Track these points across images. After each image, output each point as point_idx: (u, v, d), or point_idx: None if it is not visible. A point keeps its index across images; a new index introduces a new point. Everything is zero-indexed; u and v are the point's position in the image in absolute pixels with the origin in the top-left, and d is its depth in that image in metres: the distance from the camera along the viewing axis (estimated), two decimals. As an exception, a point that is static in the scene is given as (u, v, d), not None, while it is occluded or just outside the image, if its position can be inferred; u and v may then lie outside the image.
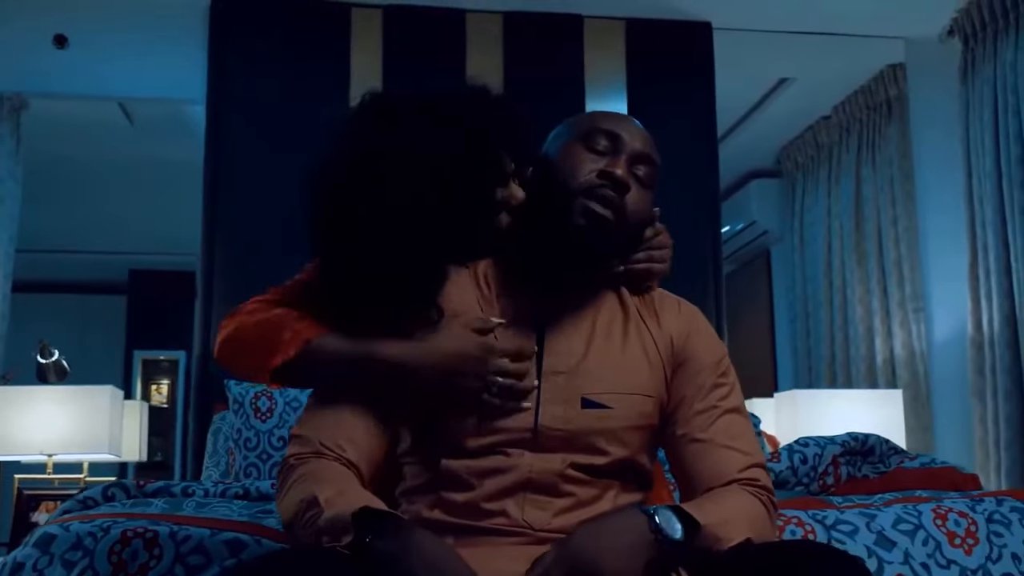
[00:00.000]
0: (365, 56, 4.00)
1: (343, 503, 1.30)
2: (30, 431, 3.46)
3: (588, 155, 1.51)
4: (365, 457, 1.46)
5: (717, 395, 1.52)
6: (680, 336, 1.55)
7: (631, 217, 1.50)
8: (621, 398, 1.47)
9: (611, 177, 1.48)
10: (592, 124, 1.54)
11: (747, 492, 1.45)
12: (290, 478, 1.41)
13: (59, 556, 1.75)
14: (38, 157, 4.84)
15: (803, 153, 5.43)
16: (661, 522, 1.32)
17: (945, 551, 1.88)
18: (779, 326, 5.88)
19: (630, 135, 1.53)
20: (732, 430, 1.50)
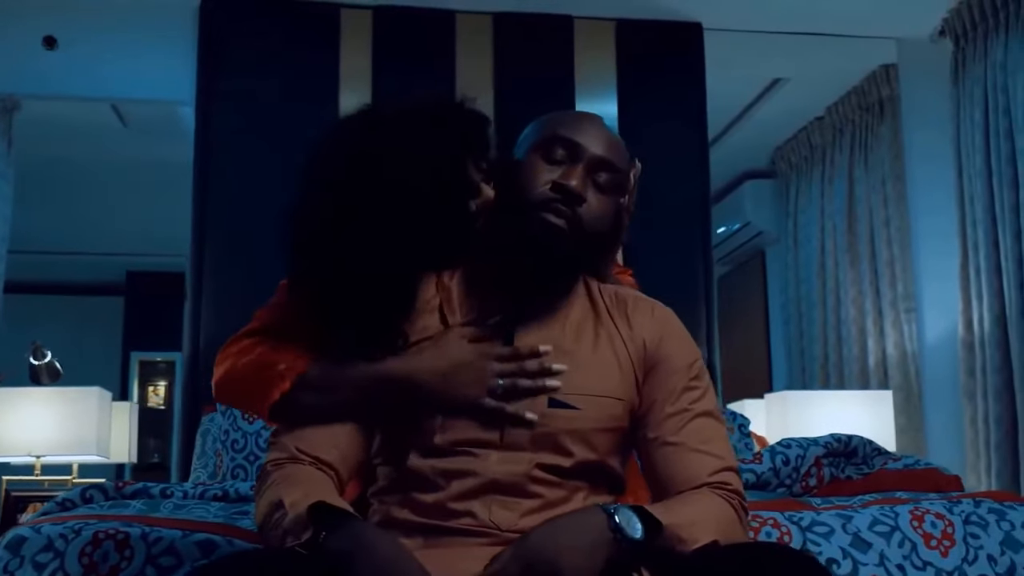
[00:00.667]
0: (355, 57, 4.00)
1: (306, 504, 1.30)
2: (17, 432, 3.47)
3: (545, 165, 1.49)
4: (343, 460, 1.46)
5: (689, 398, 1.50)
6: (653, 340, 1.53)
7: (588, 226, 1.48)
8: (589, 400, 1.47)
9: (563, 190, 1.46)
10: (551, 132, 1.52)
11: (717, 495, 1.44)
12: (265, 483, 1.42)
13: (30, 558, 1.74)
14: (32, 158, 4.85)
15: (797, 154, 5.42)
16: (621, 521, 1.31)
17: (921, 553, 1.86)
18: (774, 327, 5.87)
19: (590, 141, 1.51)
20: (704, 433, 1.49)
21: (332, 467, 1.44)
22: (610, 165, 1.51)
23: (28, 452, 3.49)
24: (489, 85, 4.04)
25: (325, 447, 1.45)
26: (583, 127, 1.53)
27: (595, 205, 1.49)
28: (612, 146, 1.53)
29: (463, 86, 4.02)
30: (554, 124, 1.54)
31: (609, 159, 1.51)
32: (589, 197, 1.48)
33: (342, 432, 1.47)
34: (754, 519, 1.89)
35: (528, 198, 1.47)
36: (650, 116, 4.15)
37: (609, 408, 1.48)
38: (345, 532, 1.26)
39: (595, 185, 1.50)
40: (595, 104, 4.10)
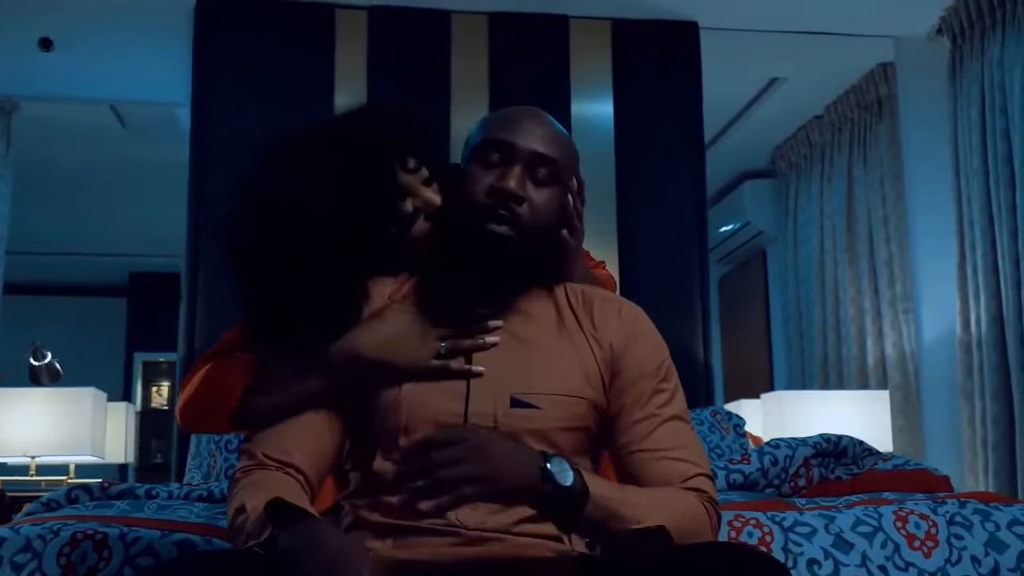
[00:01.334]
0: (350, 57, 3.99)
1: None
2: (12, 433, 3.47)
3: (482, 171, 1.49)
4: (310, 463, 1.46)
5: (657, 402, 1.49)
6: (620, 342, 1.52)
7: (533, 224, 1.48)
8: (550, 399, 1.46)
9: (500, 193, 1.46)
10: (484, 136, 1.52)
11: (688, 493, 1.44)
12: (233, 491, 1.42)
13: (8, 559, 1.74)
14: (31, 159, 4.87)
15: (796, 153, 5.41)
16: (553, 466, 1.36)
17: (904, 553, 1.85)
18: (775, 327, 5.86)
19: (524, 139, 1.49)
20: (674, 439, 1.48)
21: (299, 470, 1.44)
22: (546, 159, 1.50)
23: (23, 452, 3.50)
24: (484, 85, 4.03)
25: (289, 451, 1.45)
26: (516, 126, 1.51)
27: (537, 201, 1.49)
28: (547, 139, 1.52)
29: (458, 86, 4.02)
30: (487, 128, 1.54)
31: (544, 153, 1.50)
32: (530, 194, 1.48)
33: (307, 436, 1.47)
34: (736, 519, 1.88)
35: (469, 207, 1.47)
36: (646, 116, 4.14)
37: (571, 407, 1.47)
38: (297, 529, 1.26)
39: (535, 181, 1.49)
40: (591, 104, 4.09)
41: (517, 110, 1.57)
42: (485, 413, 1.44)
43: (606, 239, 4.01)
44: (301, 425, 1.47)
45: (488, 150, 1.50)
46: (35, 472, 3.59)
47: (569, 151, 1.56)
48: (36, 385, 4.47)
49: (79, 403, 3.56)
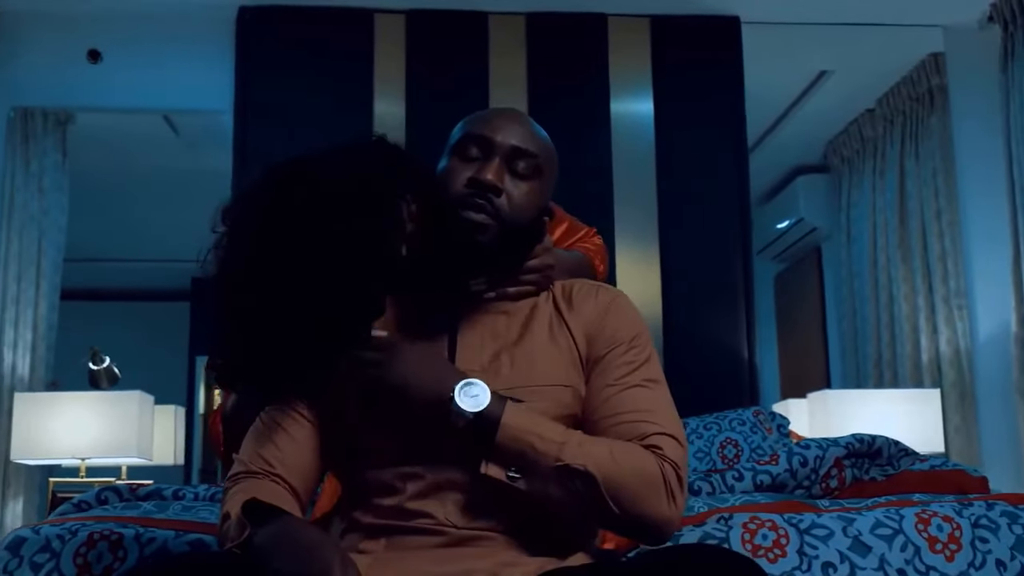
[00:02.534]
0: (388, 61, 4.03)
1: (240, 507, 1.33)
2: (61, 435, 3.55)
3: (461, 165, 1.51)
4: (296, 473, 1.48)
5: (623, 371, 1.48)
6: (595, 324, 1.52)
7: (512, 215, 1.49)
8: (532, 391, 1.45)
9: (479, 184, 1.47)
10: (463, 132, 1.54)
11: (641, 448, 1.39)
12: (223, 499, 1.45)
13: (28, 558, 1.78)
14: (88, 169, 4.97)
15: (849, 147, 5.31)
16: (463, 392, 1.36)
17: (924, 557, 1.80)
18: (831, 325, 5.76)
19: (503, 134, 1.51)
20: (636, 403, 1.45)
21: (284, 480, 1.46)
22: (524, 152, 1.51)
23: (72, 455, 3.58)
24: (523, 86, 4.03)
25: (273, 462, 1.47)
26: (494, 122, 1.53)
27: (515, 194, 1.50)
28: (525, 134, 1.53)
29: (497, 87, 4.03)
30: (467, 124, 1.56)
31: (522, 147, 1.51)
32: (508, 186, 1.49)
33: (293, 446, 1.48)
34: (752, 521, 1.85)
35: (448, 199, 1.49)
36: (687, 113, 4.11)
37: (556, 395, 1.46)
38: (269, 527, 1.27)
39: (513, 174, 1.50)
40: (630, 103, 4.07)
41: (497, 109, 1.61)
42: None
43: (647, 238, 3.99)
44: (287, 435, 1.49)
45: (467, 144, 1.52)
46: (85, 474, 3.67)
47: (549, 149, 1.57)
48: (95, 389, 4.55)
49: (126, 406, 3.63)
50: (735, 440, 3.32)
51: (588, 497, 1.34)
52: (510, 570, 1.37)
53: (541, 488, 1.35)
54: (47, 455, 3.61)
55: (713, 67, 4.17)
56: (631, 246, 3.99)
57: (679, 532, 1.80)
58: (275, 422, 1.50)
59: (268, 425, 1.51)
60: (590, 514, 1.38)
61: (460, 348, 1.49)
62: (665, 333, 3.96)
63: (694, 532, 1.80)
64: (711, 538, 1.78)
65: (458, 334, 1.51)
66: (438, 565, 1.36)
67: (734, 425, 3.38)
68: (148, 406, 3.77)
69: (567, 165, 4.27)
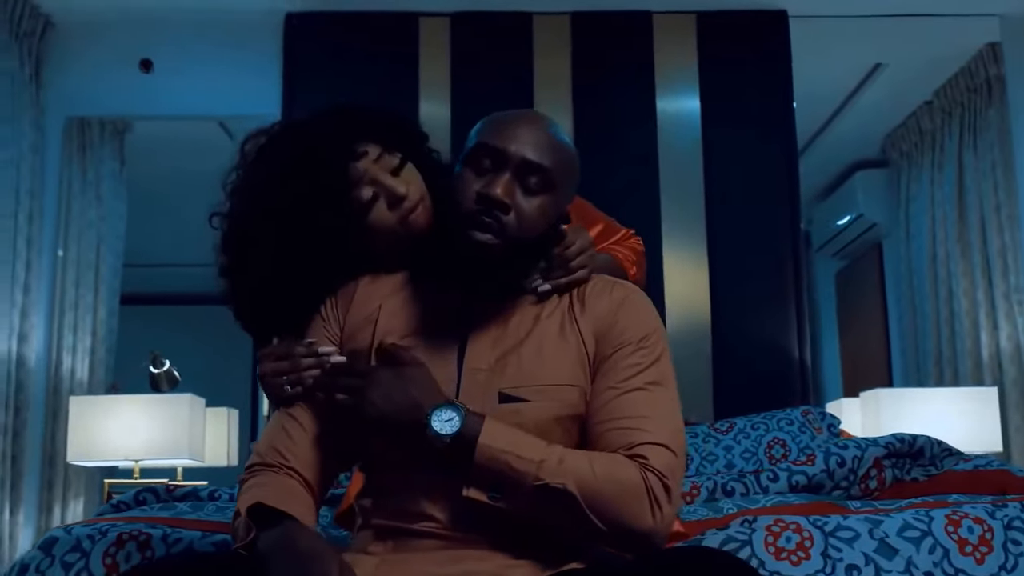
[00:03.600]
0: (433, 64, 4.04)
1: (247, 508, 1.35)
2: (115, 438, 3.63)
3: (473, 177, 1.47)
4: (308, 466, 1.49)
5: (625, 374, 1.45)
6: (605, 322, 1.50)
7: (519, 232, 1.46)
8: (539, 391, 1.44)
9: (487, 200, 1.44)
10: (476, 141, 1.50)
11: (625, 459, 1.36)
12: (239, 493, 1.47)
13: (59, 558, 1.82)
14: (146, 176, 5.07)
15: (907, 141, 5.20)
16: (435, 417, 1.35)
17: (954, 559, 1.75)
18: (892, 322, 5.66)
19: (517, 145, 1.46)
20: (632, 409, 1.42)
21: (298, 473, 1.47)
22: (537, 167, 1.47)
23: (125, 457, 3.66)
24: (567, 86, 4.02)
25: (290, 454, 1.48)
26: (509, 132, 1.48)
27: (526, 209, 1.46)
28: (540, 145, 1.48)
29: (541, 88, 4.02)
30: (481, 132, 1.51)
31: (535, 161, 1.46)
32: (519, 201, 1.46)
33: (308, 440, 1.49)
34: (776, 523, 1.82)
35: (456, 213, 1.46)
36: (735, 110, 4.06)
37: (562, 396, 1.45)
38: (272, 532, 1.29)
39: (525, 189, 1.47)
40: (676, 100, 4.04)
41: (515, 114, 1.54)
42: None
43: (694, 238, 3.95)
44: (302, 429, 1.50)
45: (480, 155, 1.48)
46: (139, 475, 3.74)
47: (565, 159, 1.52)
48: (156, 392, 4.64)
49: (177, 409, 3.70)
50: (783, 440, 3.27)
51: (570, 513, 1.33)
52: (513, 571, 1.37)
53: (523, 507, 1.34)
54: (101, 457, 3.70)
55: (761, 62, 4.11)
56: (678, 245, 3.95)
57: (700, 536, 1.78)
58: (291, 416, 1.51)
59: (284, 418, 1.52)
60: (573, 529, 1.36)
61: (469, 347, 1.49)
62: (714, 332, 3.91)
63: (717, 535, 1.77)
64: (734, 541, 1.75)
65: (469, 332, 1.50)
66: (441, 567, 1.37)
67: (782, 425, 3.33)
68: (199, 408, 3.84)
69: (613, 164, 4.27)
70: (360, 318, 1.55)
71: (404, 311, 1.54)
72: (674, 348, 4.22)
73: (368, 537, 1.48)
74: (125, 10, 4.02)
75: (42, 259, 4.09)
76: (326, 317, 1.58)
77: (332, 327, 1.57)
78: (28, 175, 3.90)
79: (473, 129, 1.55)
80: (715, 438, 3.31)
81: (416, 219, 1.61)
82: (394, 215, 1.60)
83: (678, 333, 3.85)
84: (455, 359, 1.48)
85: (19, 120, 3.85)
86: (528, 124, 1.50)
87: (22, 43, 3.90)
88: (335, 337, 1.56)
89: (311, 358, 1.52)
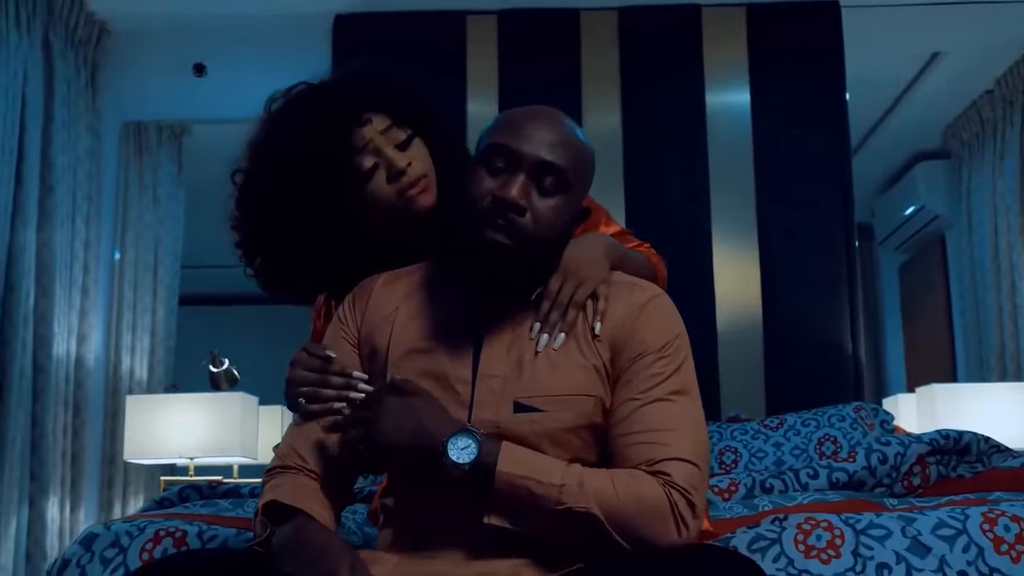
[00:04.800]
0: (481, 62, 4.04)
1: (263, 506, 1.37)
2: (169, 436, 3.70)
3: (486, 176, 1.45)
4: (327, 468, 1.49)
5: (647, 384, 1.42)
6: (624, 329, 1.47)
7: (535, 234, 1.43)
8: (555, 400, 1.42)
9: (502, 202, 1.41)
10: (490, 141, 1.47)
11: (648, 477, 1.34)
12: (261, 493, 1.48)
13: (98, 553, 1.85)
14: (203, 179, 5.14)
15: (968, 130, 5.09)
16: (452, 446, 1.32)
17: (988, 558, 1.71)
18: (956, 316, 5.54)
19: (531, 145, 1.43)
20: (656, 421, 1.40)
21: (317, 474, 1.48)
22: (553, 167, 1.44)
23: (179, 455, 3.73)
24: (615, 81, 3.99)
25: (309, 456, 1.48)
26: (523, 131, 1.45)
27: (541, 210, 1.43)
28: (555, 144, 1.45)
29: (589, 83, 4.00)
30: (494, 132, 1.48)
31: (551, 161, 1.44)
32: (534, 203, 1.43)
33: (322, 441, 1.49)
34: (807, 521, 1.79)
35: (470, 213, 1.44)
36: (786, 103, 4.00)
37: (578, 406, 1.43)
38: (286, 528, 1.31)
39: (540, 190, 1.44)
40: (726, 95, 3.99)
41: (529, 112, 1.51)
42: (488, 420, 1.42)
43: (745, 232, 3.90)
44: (322, 432, 1.50)
45: (493, 155, 1.45)
46: (193, 473, 3.81)
47: (581, 157, 1.49)
48: (216, 391, 4.71)
49: (229, 408, 3.76)
50: (833, 436, 3.23)
51: (594, 534, 1.31)
52: (527, 571, 1.36)
53: (546, 530, 1.33)
54: (156, 455, 3.77)
55: (812, 54, 4.03)
56: (729, 240, 3.91)
57: (731, 534, 1.76)
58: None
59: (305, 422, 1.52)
60: (598, 548, 1.32)
61: (484, 354, 1.47)
62: (765, 328, 3.86)
63: (747, 533, 1.75)
64: (763, 539, 1.72)
65: (484, 338, 1.48)
66: (457, 568, 1.37)
67: (833, 421, 3.29)
68: (252, 407, 3.90)
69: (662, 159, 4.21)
70: (377, 320, 1.55)
71: (420, 314, 1.53)
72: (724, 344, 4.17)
73: (389, 536, 1.49)
74: (177, 16, 4.08)
75: (100, 262, 4.19)
76: (343, 319, 1.58)
77: (349, 328, 1.57)
78: (85, 180, 3.99)
79: (486, 127, 1.52)
80: (765, 435, 3.28)
81: (415, 196, 1.62)
82: (392, 188, 1.61)
83: (729, 328, 3.81)
84: (470, 364, 1.47)
85: (76, 125, 3.94)
86: (543, 123, 1.47)
87: (78, 50, 3.99)
88: (352, 338, 1.56)
89: (340, 378, 1.51)
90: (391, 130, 1.63)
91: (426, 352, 1.49)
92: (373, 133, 1.62)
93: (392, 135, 1.63)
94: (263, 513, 1.37)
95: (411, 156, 1.64)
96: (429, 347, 1.49)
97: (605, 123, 3.95)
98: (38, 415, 3.61)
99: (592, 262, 1.54)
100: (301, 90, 1.73)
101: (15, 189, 3.52)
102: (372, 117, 1.63)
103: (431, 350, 1.49)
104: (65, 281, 3.81)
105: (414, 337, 1.51)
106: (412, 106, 1.68)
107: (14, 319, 3.46)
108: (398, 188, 1.62)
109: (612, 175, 3.90)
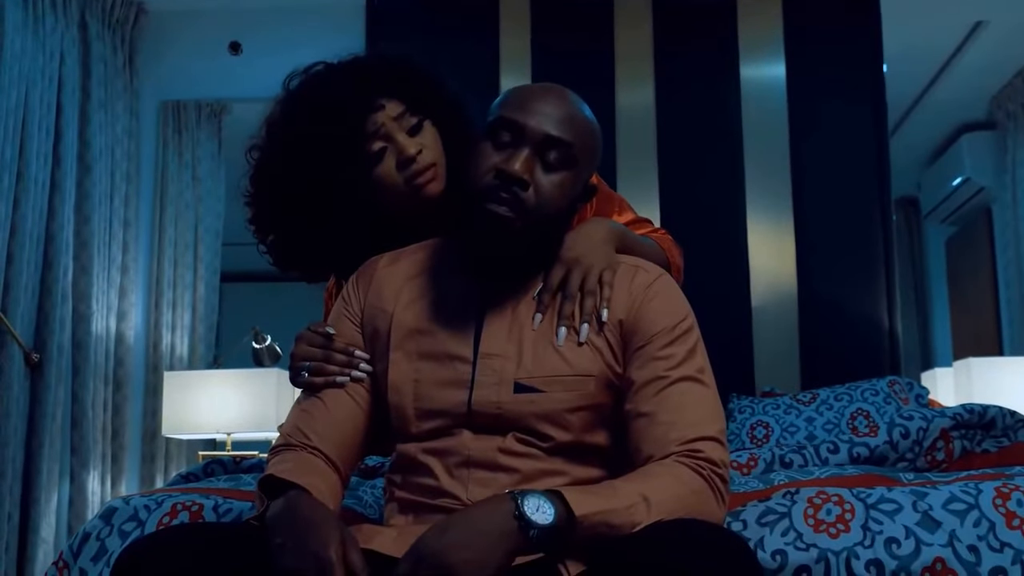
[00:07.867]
0: (513, 42, 4.03)
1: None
2: (206, 411, 3.76)
3: (492, 150, 1.45)
4: (332, 445, 1.52)
5: (665, 365, 1.43)
6: (630, 310, 1.48)
7: (539, 208, 1.43)
8: (555, 381, 1.44)
9: (505, 176, 1.42)
10: (497, 115, 1.48)
11: (684, 466, 1.36)
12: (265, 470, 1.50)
13: (117, 527, 1.89)
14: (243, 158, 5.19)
15: (1014, 101, 4.99)
16: (527, 508, 1.22)
17: (1000, 533, 1.69)
18: (1002, 290, 5.44)
19: (537, 119, 1.44)
20: (677, 402, 1.41)
21: (320, 452, 1.50)
22: (558, 142, 1.44)
23: (216, 430, 3.79)
24: (648, 56, 3.97)
25: (312, 433, 1.51)
26: (530, 105, 1.46)
27: (545, 185, 1.44)
28: (562, 120, 1.46)
29: (622, 59, 3.98)
30: (502, 105, 1.49)
31: (556, 135, 1.44)
32: (538, 178, 1.44)
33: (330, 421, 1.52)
34: (818, 496, 1.78)
35: (474, 186, 1.45)
36: (822, 76, 3.95)
37: (578, 386, 1.44)
38: (279, 503, 1.32)
39: (545, 164, 1.45)
40: (760, 73, 3.95)
41: (537, 87, 1.52)
42: (489, 401, 1.44)
43: (780, 207, 3.87)
44: (326, 410, 1.53)
45: (499, 129, 1.46)
46: (231, 448, 3.87)
47: (587, 134, 1.49)
48: (259, 366, 4.77)
49: (264, 383, 3.81)
50: (866, 411, 3.20)
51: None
52: None
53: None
54: (193, 430, 3.84)
55: (849, 26, 3.97)
56: (763, 215, 3.87)
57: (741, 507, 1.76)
58: (317, 397, 1.55)
59: (310, 399, 1.56)
60: None
61: (485, 334, 1.49)
62: (800, 303, 3.83)
63: (757, 507, 1.74)
64: (772, 513, 1.72)
65: (485, 319, 1.50)
66: None
67: (867, 396, 3.26)
68: (286, 382, 3.94)
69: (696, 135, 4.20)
70: (379, 300, 1.57)
71: (422, 295, 1.55)
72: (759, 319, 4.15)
73: (393, 510, 1.51)
74: (214, -5, 4.14)
75: (139, 240, 4.25)
76: (347, 298, 1.61)
77: (353, 307, 1.60)
78: (124, 159, 4.05)
79: (495, 102, 1.53)
80: (797, 409, 3.25)
81: (424, 183, 1.63)
82: (401, 175, 1.62)
83: (764, 303, 3.79)
84: (471, 343, 1.48)
85: (114, 106, 4.00)
86: (550, 98, 1.48)
87: (115, 31, 4.04)
88: (355, 318, 1.59)
89: (344, 356, 1.55)
90: (404, 116, 1.64)
91: (427, 332, 1.51)
92: (386, 119, 1.63)
93: (404, 121, 1.64)
94: (261, 488, 1.39)
95: (422, 143, 1.65)
96: (430, 328, 1.51)
97: (638, 98, 3.92)
98: (77, 391, 3.68)
99: (593, 248, 1.54)
100: (319, 70, 1.73)
101: (52, 168, 3.59)
102: (385, 103, 1.65)
103: (432, 331, 1.51)
104: (104, 259, 3.87)
105: (416, 318, 1.53)
106: (427, 93, 1.69)
107: (53, 296, 3.53)
108: (407, 175, 1.64)
109: (645, 150, 3.88)
